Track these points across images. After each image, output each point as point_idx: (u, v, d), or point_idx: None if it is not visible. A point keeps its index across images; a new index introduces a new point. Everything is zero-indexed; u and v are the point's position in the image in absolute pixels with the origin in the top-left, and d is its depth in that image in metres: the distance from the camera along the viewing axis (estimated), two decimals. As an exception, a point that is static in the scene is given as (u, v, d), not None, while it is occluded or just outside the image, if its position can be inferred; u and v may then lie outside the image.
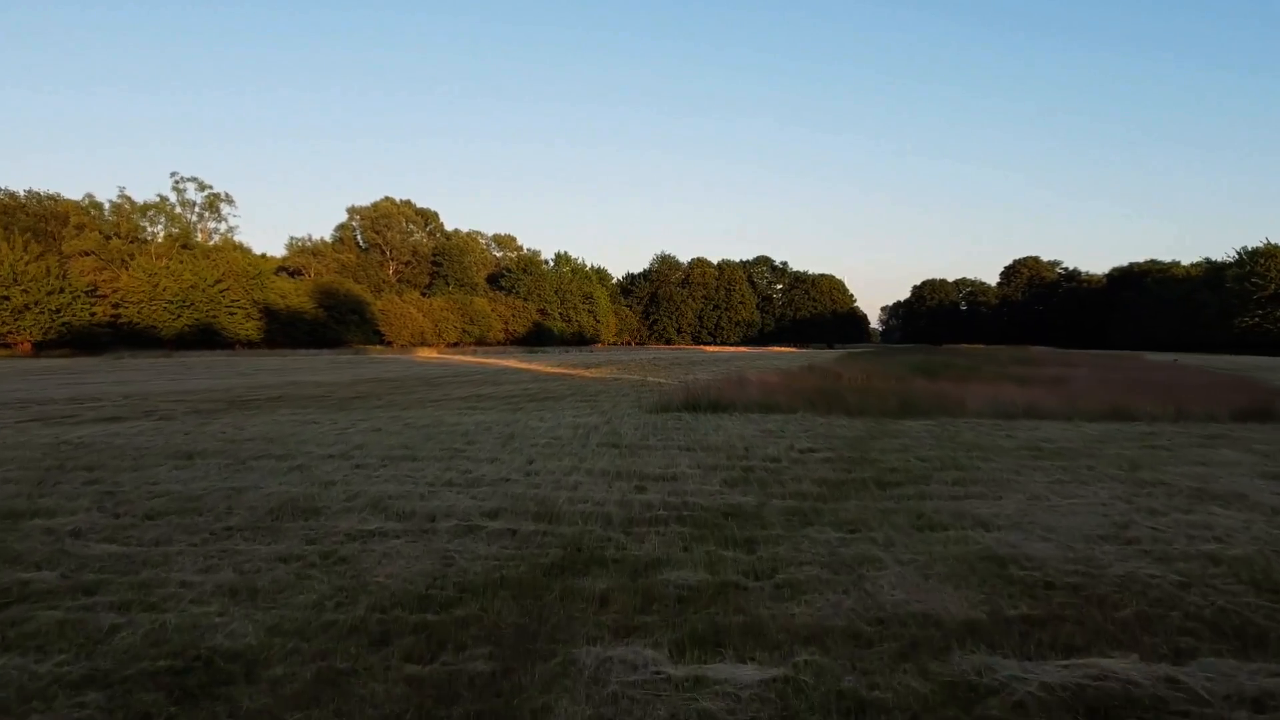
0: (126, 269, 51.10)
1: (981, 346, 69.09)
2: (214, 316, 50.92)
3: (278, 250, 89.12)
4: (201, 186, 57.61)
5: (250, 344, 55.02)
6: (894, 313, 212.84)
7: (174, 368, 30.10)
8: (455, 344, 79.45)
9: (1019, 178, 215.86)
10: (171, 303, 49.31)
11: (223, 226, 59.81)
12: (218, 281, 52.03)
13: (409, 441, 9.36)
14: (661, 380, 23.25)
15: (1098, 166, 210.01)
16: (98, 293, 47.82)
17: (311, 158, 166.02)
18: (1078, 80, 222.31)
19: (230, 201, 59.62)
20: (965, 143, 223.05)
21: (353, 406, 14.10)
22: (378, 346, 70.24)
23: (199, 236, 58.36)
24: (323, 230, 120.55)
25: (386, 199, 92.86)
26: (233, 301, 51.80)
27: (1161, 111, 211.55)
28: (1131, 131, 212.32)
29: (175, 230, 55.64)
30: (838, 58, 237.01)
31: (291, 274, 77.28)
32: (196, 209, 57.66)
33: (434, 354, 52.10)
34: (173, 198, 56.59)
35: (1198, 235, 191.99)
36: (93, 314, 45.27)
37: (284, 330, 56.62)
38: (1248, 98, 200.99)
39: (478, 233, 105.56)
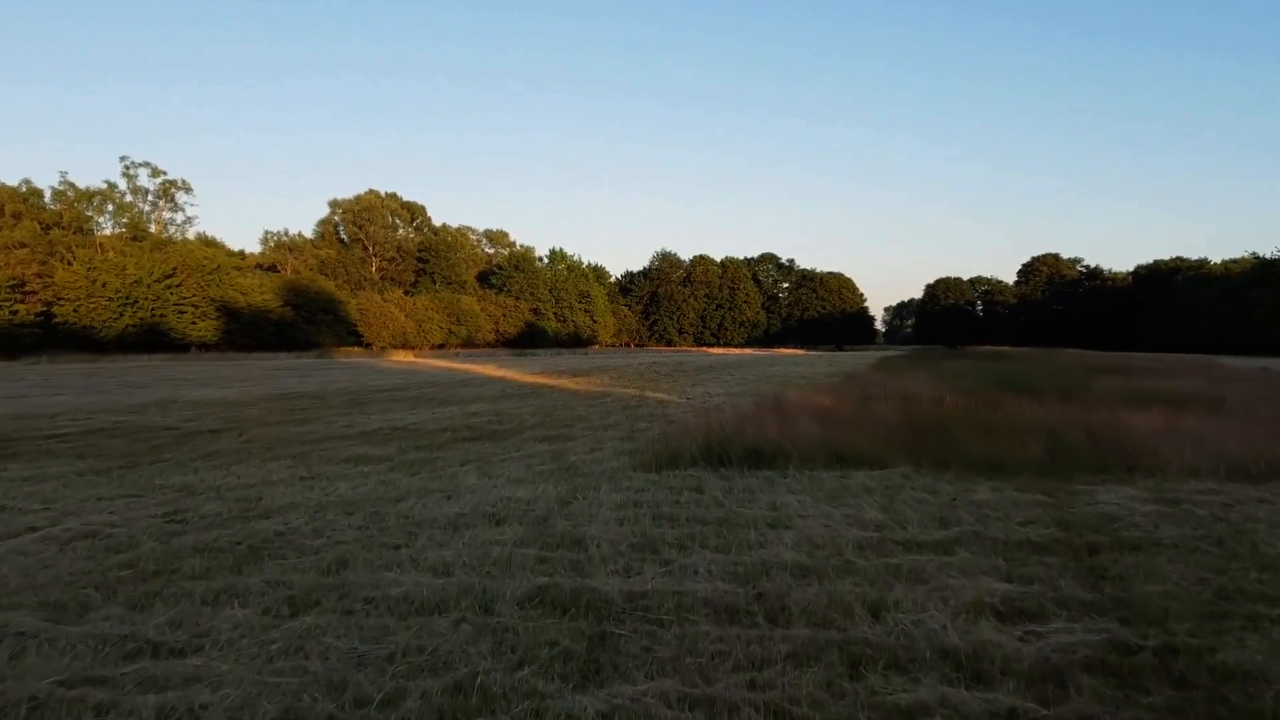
0: (69, 263, 45.79)
1: (1025, 349, 63.18)
2: (161, 316, 45.51)
3: (255, 247, 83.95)
4: (155, 172, 52.27)
5: (207, 346, 49.66)
6: (898, 313, 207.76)
7: (63, 375, 24.67)
8: (441, 346, 74.07)
9: (1030, 174, 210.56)
10: (112, 300, 43.92)
11: (179, 217, 54.37)
12: (168, 277, 46.62)
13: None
14: (664, 396, 17.83)
15: (1114, 163, 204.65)
16: (26, 288, 42.39)
17: (297, 151, 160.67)
18: (1089, 75, 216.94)
19: (187, 189, 54.27)
20: (976, 138, 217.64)
21: (161, 455, 8.68)
22: (356, 349, 64.90)
23: (153, 228, 52.94)
24: (307, 226, 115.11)
25: (371, 191, 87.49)
26: (183, 299, 46.37)
27: (1178, 108, 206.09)
28: (1148, 128, 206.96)
29: (125, 220, 50.13)
30: (843, 50, 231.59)
31: (268, 271, 71.99)
32: (150, 197, 52.23)
33: (408, 357, 46.73)
34: (122, 185, 51.18)
35: (1222, 233, 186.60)
36: (14, 312, 39.83)
37: (246, 331, 51.21)
38: (1269, 94, 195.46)
39: (469, 228, 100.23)
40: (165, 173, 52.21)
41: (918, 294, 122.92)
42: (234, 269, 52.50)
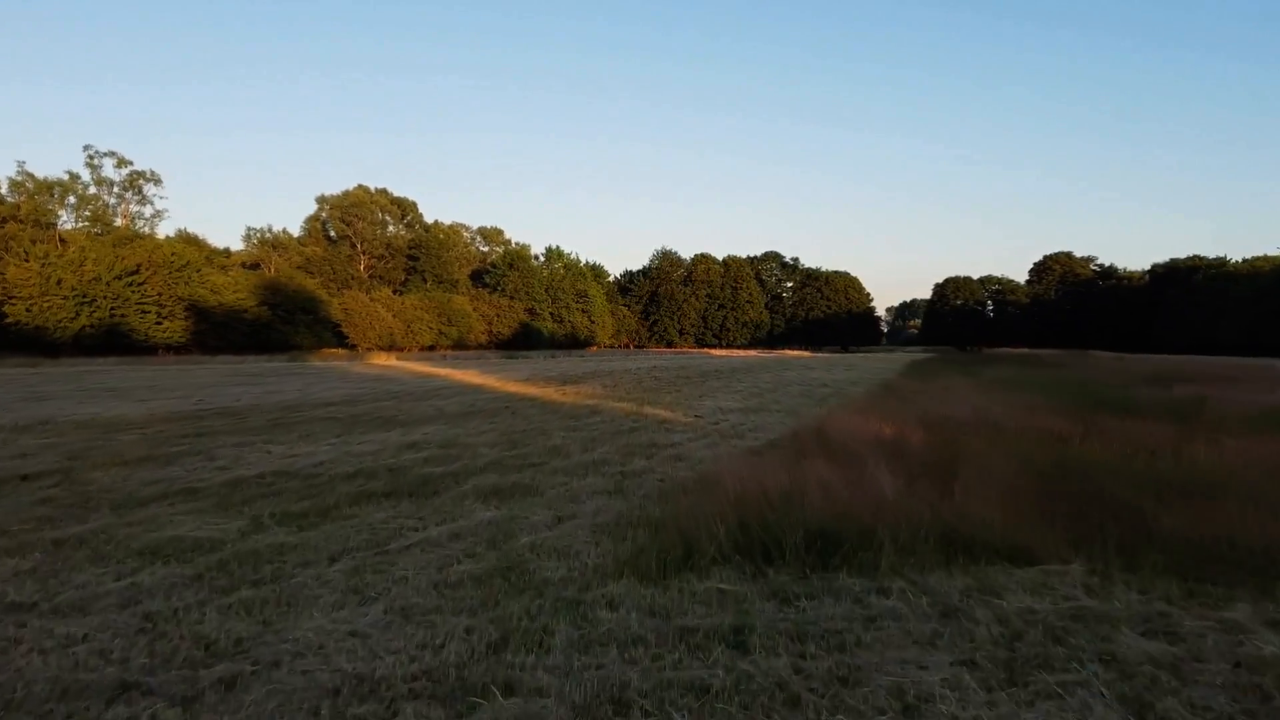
0: (26, 259, 42.43)
1: (1053, 351, 59.37)
2: (121, 316, 42.16)
3: (238, 244, 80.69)
4: (121, 163, 48.83)
5: (175, 348, 46.33)
6: (899, 313, 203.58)
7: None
8: (431, 347, 70.82)
9: (1033, 173, 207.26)
10: (68, 299, 40.57)
11: (148, 210, 50.97)
12: (131, 274, 43.27)
13: None
14: (666, 414, 14.46)
15: (1116, 162, 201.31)
16: (-27, 286, 39.09)
17: (293, 149, 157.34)
18: (1092, 73, 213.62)
19: (156, 181, 50.88)
20: (979, 136, 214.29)
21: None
22: (341, 350, 61.62)
23: (119, 222, 49.59)
24: (297, 224, 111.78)
25: (360, 187, 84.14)
26: (145, 297, 43.00)
27: (1192, 106, 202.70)
28: (1158, 126, 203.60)
29: (88, 213, 46.78)
30: (847, 48, 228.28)
31: (251, 269, 68.64)
32: (115, 189, 48.85)
33: (389, 360, 43.40)
34: (86, 176, 47.82)
35: (1222, 231, 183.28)
36: (-47, 312, 36.52)
37: (217, 332, 47.87)
38: (1269, 93, 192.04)
39: (462, 225, 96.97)
40: (132, 163, 48.92)
41: (919, 294, 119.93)
42: (205, 266, 49.10)
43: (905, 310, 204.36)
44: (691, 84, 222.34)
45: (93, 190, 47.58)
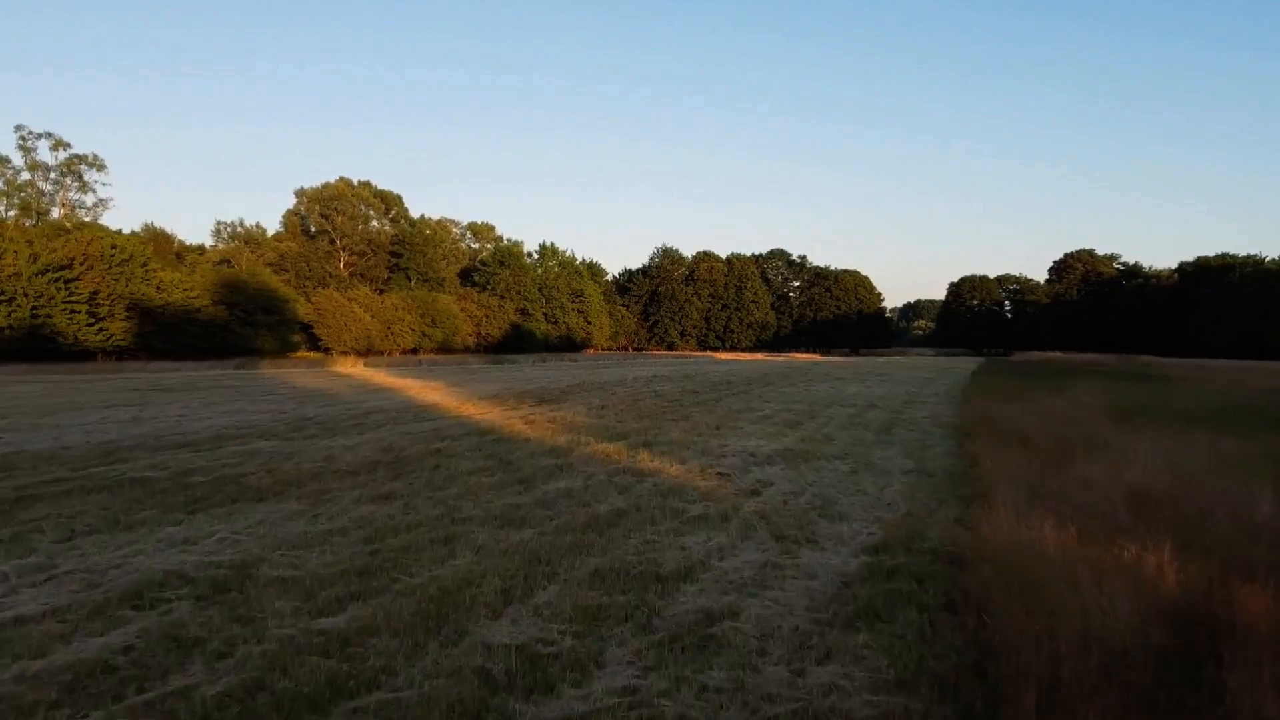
0: (-54, 252, 37.26)
1: (1102, 356, 53.41)
2: (47, 316, 36.97)
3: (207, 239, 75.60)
4: (59, 144, 43.62)
5: (117, 352, 41.16)
6: (904, 313, 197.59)
7: None
8: (414, 350, 65.73)
9: (1049, 168, 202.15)
10: (-17, 297, 35.41)
11: (89, 199, 45.74)
12: (60, 269, 38.09)
13: None
14: (673, 469, 8.99)
15: (1137, 158, 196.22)
16: None
17: (284, 144, 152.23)
18: (1100, 66, 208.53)
19: (99, 166, 45.62)
20: (983, 133, 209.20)
21: None
22: (314, 354, 56.50)
23: (57, 212, 44.41)
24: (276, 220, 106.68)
25: (341, 179, 78.90)
26: (74, 296, 37.80)
27: (1212, 103, 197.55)
28: (1182, 123, 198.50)
29: (17, 201, 41.57)
30: (851, 42, 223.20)
31: (221, 265, 63.43)
32: (52, 175, 43.66)
33: (351, 368, 38.20)
34: (18, 160, 42.64)
35: (1265, 229, 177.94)
36: None
37: (165, 334, 42.70)
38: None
39: (451, 221, 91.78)
40: (70, 145, 43.65)
41: (923, 294, 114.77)
42: (153, 260, 43.89)
43: (909, 311, 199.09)
44: (691, 78, 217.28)
45: (25, 176, 42.32)
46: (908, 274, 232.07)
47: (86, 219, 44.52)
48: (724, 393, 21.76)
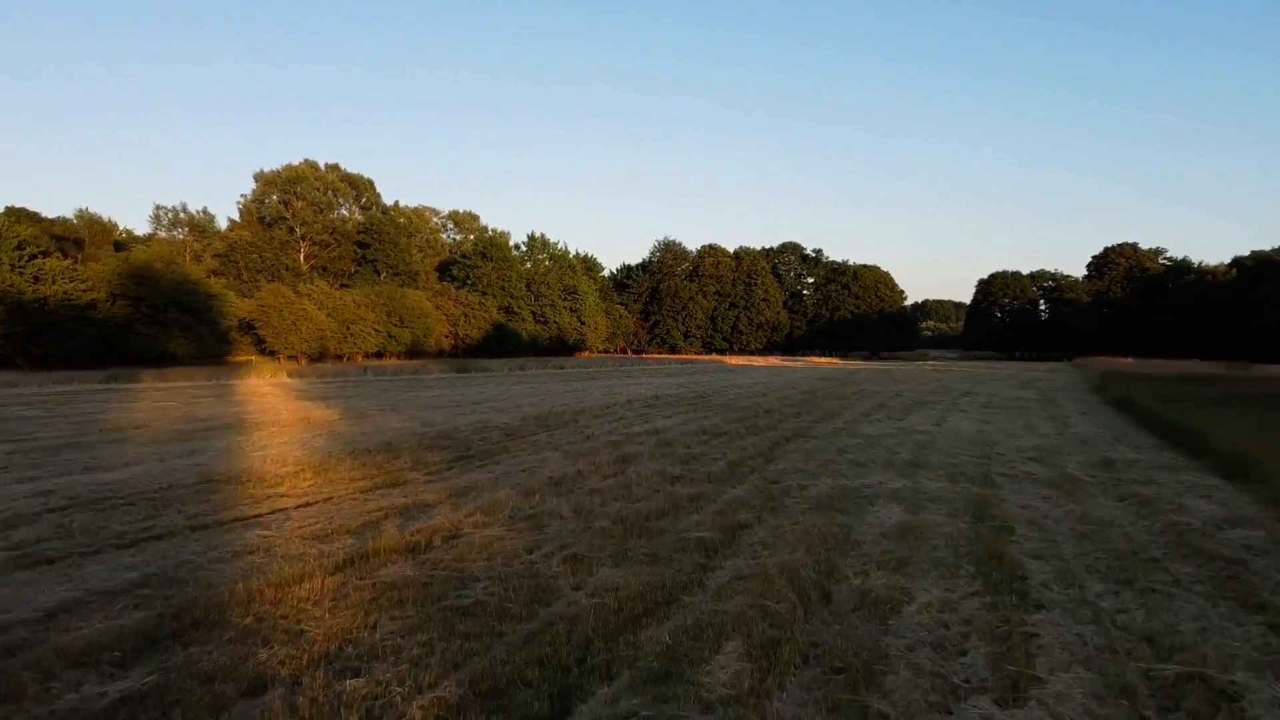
0: None
1: (1223, 364, 43.74)
2: None
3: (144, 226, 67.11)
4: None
5: (-22, 359, 32.57)
6: (913, 314, 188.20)
7: None
8: (378, 354, 57.08)
9: (1060, 167, 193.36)
10: None
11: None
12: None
13: None
14: None
15: (1162, 152, 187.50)
16: None
17: (273, 140, 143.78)
18: (1105, 66, 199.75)
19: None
20: (987, 131, 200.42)
21: None
22: (256, 357, 47.92)
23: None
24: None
25: (306, 161, 70.33)
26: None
27: (1232, 103, 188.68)
28: (1173, 121, 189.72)
29: None
30: (855, 41, 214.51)
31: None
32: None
33: (263, 379, 29.50)
34: None
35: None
36: None
37: (46, 336, 34.07)
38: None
39: (430, 209, 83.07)
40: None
41: (932, 294, 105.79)
42: (32, 245, 35.22)
43: (917, 311, 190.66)
44: (691, 74, 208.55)
45: None
46: (916, 274, 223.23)
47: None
48: (768, 434, 13.07)
